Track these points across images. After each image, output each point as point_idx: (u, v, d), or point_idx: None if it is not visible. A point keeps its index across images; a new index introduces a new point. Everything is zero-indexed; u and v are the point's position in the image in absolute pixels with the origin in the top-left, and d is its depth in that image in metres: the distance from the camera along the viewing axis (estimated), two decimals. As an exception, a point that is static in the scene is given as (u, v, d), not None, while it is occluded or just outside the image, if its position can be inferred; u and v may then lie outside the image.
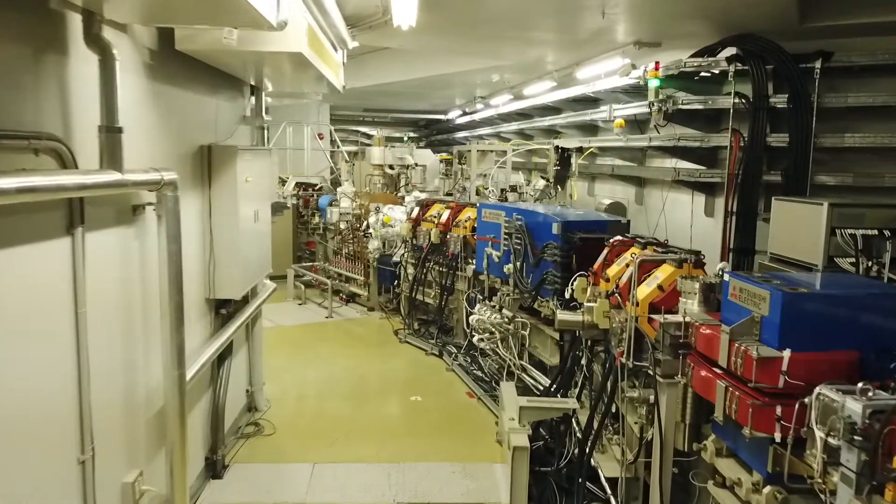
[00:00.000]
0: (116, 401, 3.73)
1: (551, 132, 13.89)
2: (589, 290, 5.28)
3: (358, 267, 11.09)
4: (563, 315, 5.02)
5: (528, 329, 6.93)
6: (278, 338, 9.60)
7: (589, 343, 5.19)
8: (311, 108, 18.22)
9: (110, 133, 3.28)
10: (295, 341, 9.49)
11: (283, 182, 13.69)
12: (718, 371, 3.32)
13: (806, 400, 2.75)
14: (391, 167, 11.58)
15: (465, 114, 18.56)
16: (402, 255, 10.05)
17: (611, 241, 5.47)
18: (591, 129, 12.11)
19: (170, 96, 4.48)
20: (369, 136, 28.25)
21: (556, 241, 6.09)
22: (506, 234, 7.15)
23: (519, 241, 6.84)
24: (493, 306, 7.27)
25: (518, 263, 6.88)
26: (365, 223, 10.71)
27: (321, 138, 17.36)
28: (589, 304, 4.90)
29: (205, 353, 4.89)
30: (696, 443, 3.79)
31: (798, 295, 3.04)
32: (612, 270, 5.08)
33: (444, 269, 9.00)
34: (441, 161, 12.43)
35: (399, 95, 16.46)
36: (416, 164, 11.44)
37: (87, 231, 3.25)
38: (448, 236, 8.88)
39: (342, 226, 11.68)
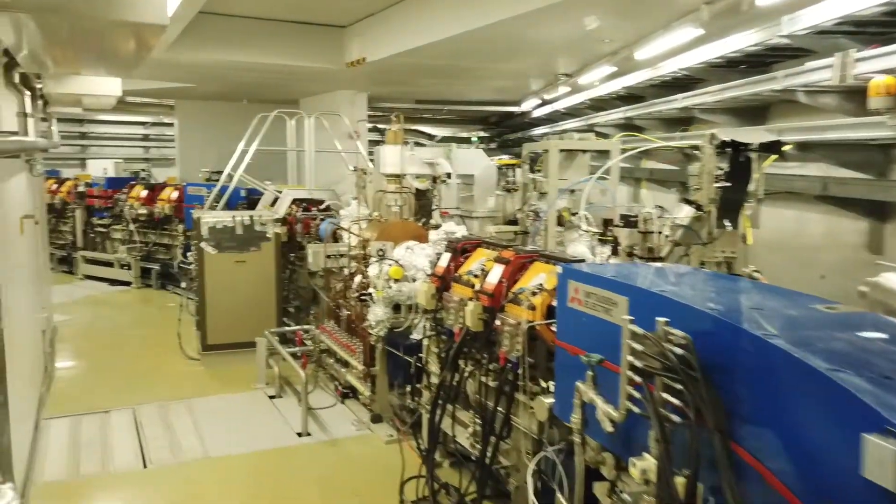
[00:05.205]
0: None
1: (678, 122, 9.09)
2: None
3: (356, 345, 6.71)
4: None
5: None
6: (183, 497, 5.30)
7: None
8: (342, 99, 14.20)
9: None
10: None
11: (274, 200, 9.61)
12: None
13: None
14: (418, 178, 7.12)
15: (543, 102, 13.97)
16: (426, 334, 5.59)
17: None
18: (755, 113, 7.26)
19: None
20: (431, 137, 23.72)
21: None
22: (638, 364, 2.56)
23: (683, 402, 2.26)
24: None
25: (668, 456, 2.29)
26: (360, 277, 6.32)
27: (356, 137, 13.22)
28: None
29: None
30: None
31: None
32: None
33: (492, 383, 4.49)
34: (500, 168, 7.89)
35: (450, 75, 12.07)
36: (449, 175, 6.91)
37: None
38: (499, 320, 4.34)
39: (345, 272, 7.36)
